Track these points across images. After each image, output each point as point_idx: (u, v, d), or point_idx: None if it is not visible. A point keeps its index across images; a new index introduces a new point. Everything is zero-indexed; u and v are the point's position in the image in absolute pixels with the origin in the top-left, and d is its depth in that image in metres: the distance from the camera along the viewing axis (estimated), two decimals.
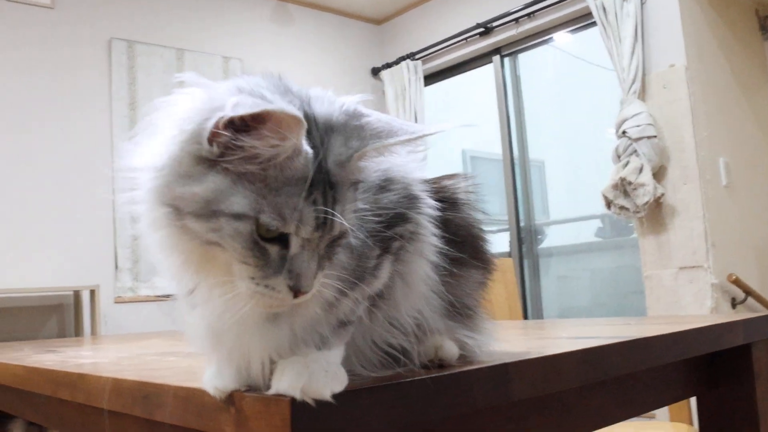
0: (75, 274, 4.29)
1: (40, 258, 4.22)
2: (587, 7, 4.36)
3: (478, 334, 0.93)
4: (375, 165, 0.79)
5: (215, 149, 0.67)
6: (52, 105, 4.39)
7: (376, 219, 0.77)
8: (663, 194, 3.77)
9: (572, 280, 5.23)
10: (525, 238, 5.19)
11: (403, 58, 5.69)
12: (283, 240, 0.68)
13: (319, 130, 0.71)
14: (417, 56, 5.66)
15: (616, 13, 4.04)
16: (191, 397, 0.82)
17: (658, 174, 3.84)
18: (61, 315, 4.33)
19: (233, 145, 0.66)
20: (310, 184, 0.67)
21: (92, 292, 4.20)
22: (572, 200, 5.45)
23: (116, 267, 4.54)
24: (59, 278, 4.23)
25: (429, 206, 0.85)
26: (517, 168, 5.23)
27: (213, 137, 0.66)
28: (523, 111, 5.26)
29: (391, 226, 0.79)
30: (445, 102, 6.03)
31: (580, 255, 5.23)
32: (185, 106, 0.70)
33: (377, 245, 0.77)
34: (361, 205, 0.75)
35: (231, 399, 0.75)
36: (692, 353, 1.21)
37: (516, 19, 4.98)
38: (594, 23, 4.32)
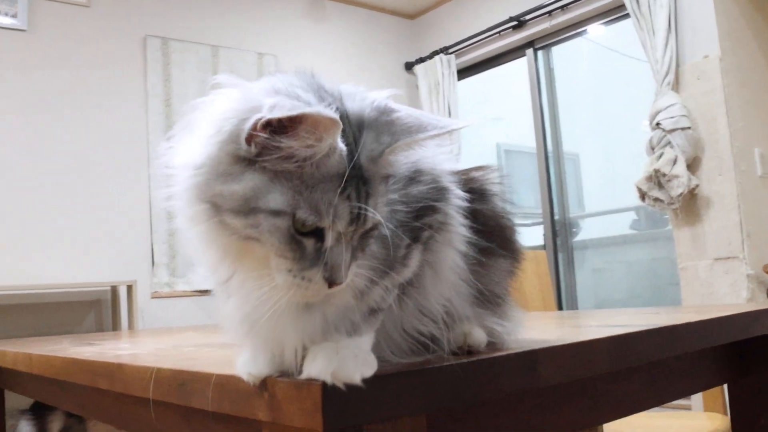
0: (112, 269, 4.37)
1: (78, 254, 4.30)
2: None
3: (507, 322, 0.94)
4: (405, 158, 0.81)
5: (253, 149, 0.69)
6: (89, 102, 4.46)
7: (406, 210, 0.79)
8: (697, 185, 3.73)
9: (607, 273, 5.20)
10: (559, 231, 5.16)
11: (436, 53, 5.69)
12: (318, 234, 0.70)
13: (352, 127, 0.73)
14: (450, 50, 5.65)
15: (649, 5, 4.00)
16: (226, 383, 0.84)
17: (693, 165, 3.80)
18: (99, 310, 4.41)
19: (270, 146, 0.68)
20: (343, 180, 0.69)
21: (129, 288, 4.26)
22: (607, 193, 5.42)
23: (153, 262, 4.60)
24: (97, 274, 4.31)
25: (458, 197, 0.87)
26: (551, 161, 5.21)
27: (251, 138, 0.69)
28: (556, 104, 5.23)
29: (420, 217, 0.80)
30: (478, 96, 6.02)
31: (615, 247, 5.20)
32: (222, 107, 0.73)
33: (407, 235, 0.79)
34: (391, 197, 0.77)
35: (264, 385, 0.77)
36: (720, 341, 1.20)
37: (549, 12, 4.94)
38: (627, 15, 4.29)
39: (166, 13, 4.85)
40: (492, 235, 0.94)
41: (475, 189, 0.95)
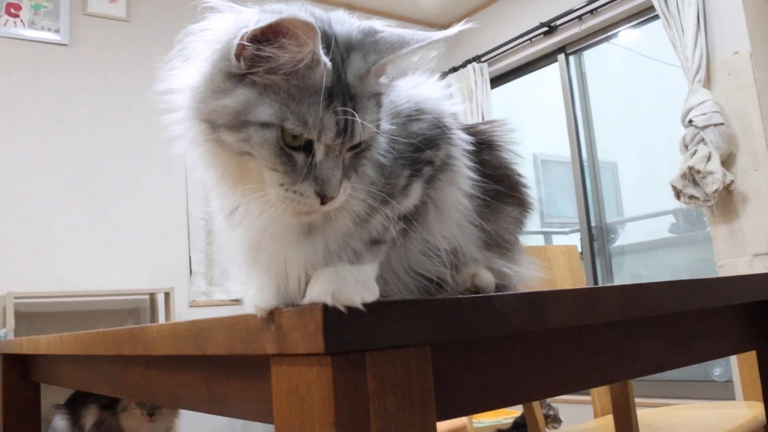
0: (151, 278, 4.43)
1: (117, 262, 4.37)
2: (649, 1, 4.31)
3: (516, 266, 0.95)
4: (405, 92, 0.82)
5: (242, 64, 0.72)
6: (128, 113, 4.56)
7: (406, 143, 0.80)
8: (733, 181, 3.68)
9: (647, 277, 5.13)
10: (596, 236, 5.12)
11: (469, 61, 5.70)
12: (308, 148, 0.73)
13: (339, 47, 0.75)
14: (483, 59, 5.66)
15: (677, 3, 3.98)
16: (236, 324, 0.85)
17: (727, 161, 3.75)
18: (137, 318, 4.47)
19: (257, 57, 0.71)
20: (330, 95, 0.72)
21: (167, 295, 4.32)
22: (645, 197, 5.36)
23: (191, 271, 4.66)
24: (136, 282, 4.38)
25: (461, 139, 0.88)
26: (586, 168, 5.17)
27: (240, 52, 0.72)
28: (590, 109, 5.20)
29: (421, 151, 0.82)
30: (512, 103, 6.01)
31: (654, 251, 5.13)
32: (215, 29, 0.76)
33: (407, 167, 0.80)
34: (387, 126, 0.78)
35: (271, 317, 0.78)
36: (744, 298, 1.19)
37: (579, 17, 4.94)
38: (656, 17, 4.27)
39: None
40: (500, 183, 0.94)
41: (483, 140, 0.96)
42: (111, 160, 4.48)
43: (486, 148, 0.95)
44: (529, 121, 6.13)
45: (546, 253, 2.75)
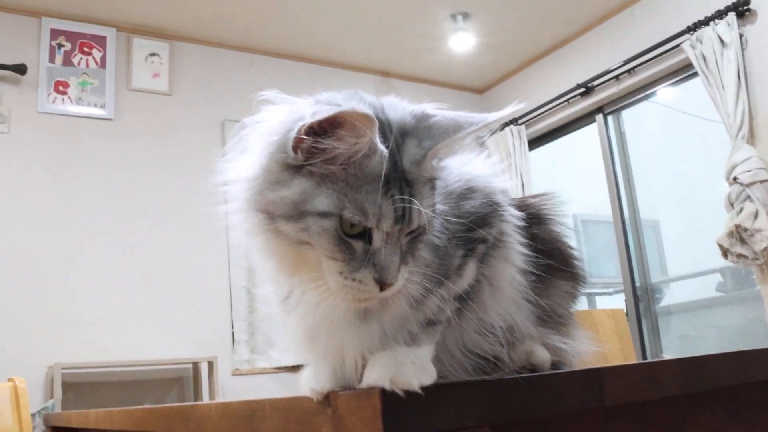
0: (194, 347, 4.45)
1: (161, 332, 4.40)
2: (687, 59, 4.31)
3: (571, 341, 0.93)
4: (456, 170, 0.83)
5: (300, 156, 0.73)
6: (170, 184, 4.64)
7: (459, 222, 0.80)
8: None
9: (695, 338, 5.01)
10: (641, 297, 5.03)
11: (506, 124, 5.72)
12: (366, 236, 0.73)
13: (394, 134, 0.76)
14: (520, 121, 5.68)
15: (716, 61, 3.98)
16: (291, 406, 0.85)
17: None
18: (181, 387, 4.47)
19: (314, 149, 0.72)
20: (387, 182, 0.72)
21: (210, 364, 4.33)
22: (690, 256, 5.27)
23: (233, 340, 4.66)
24: (179, 351, 4.39)
25: (512, 215, 0.88)
26: (628, 227, 5.11)
27: (296, 145, 0.73)
28: (630, 169, 5.17)
29: (474, 230, 0.81)
30: (551, 164, 6.00)
31: (701, 311, 5.01)
32: (271, 121, 0.77)
33: (461, 247, 0.80)
34: (440, 207, 0.78)
35: (327, 400, 0.77)
36: None
37: (616, 77, 4.95)
38: (694, 74, 4.26)
39: (243, 98, 5.03)
40: (551, 256, 0.94)
41: (532, 214, 0.96)
42: (154, 230, 4.55)
43: (536, 222, 0.95)
44: (569, 181, 6.10)
45: (592, 317, 2.72)
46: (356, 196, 0.72)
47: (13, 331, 3.94)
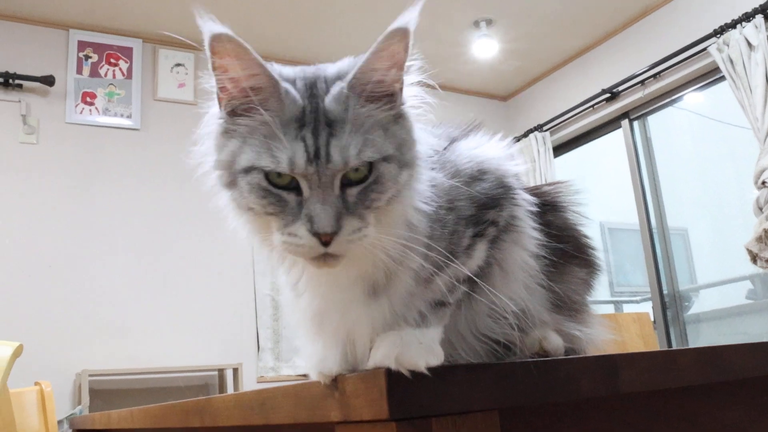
0: (219, 354, 4.46)
1: (186, 339, 4.42)
2: (713, 63, 4.27)
3: (586, 328, 0.92)
4: (467, 152, 0.82)
5: (224, 112, 0.76)
6: (195, 193, 4.65)
7: (469, 204, 0.79)
8: None
9: None
10: (669, 304, 4.96)
11: (530, 131, 5.71)
12: (296, 187, 0.72)
13: (326, 83, 0.76)
14: (545, 128, 5.65)
15: (744, 64, 3.93)
16: (301, 392, 0.85)
17: None
18: (206, 394, 4.48)
19: (218, 79, 0.75)
20: (301, 124, 0.72)
21: (235, 371, 4.34)
22: (718, 263, 5.19)
23: (258, 347, 4.68)
24: (205, 358, 4.41)
25: (524, 199, 0.87)
26: (655, 235, 5.05)
27: (219, 96, 0.76)
28: (657, 175, 5.11)
29: (484, 212, 0.81)
30: (576, 171, 5.96)
31: (731, 319, 4.93)
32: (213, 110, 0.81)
33: (470, 228, 0.79)
34: (446, 182, 0.77)
35: (335, 383, 0.77)
36: None
37: (642, 81, 4.91)
38: (721, 78, 4.21)
39: None
40: (566, 244, 0.93)
41: (547, 201, 0.95)
42: (180, 238, 4.58)
43: (550, 210, 0.94)
44: (594, 188, 6.04)
45: (617, 320, 2.69)
46: (272, 143, 0.71)
47: (42, 338, 3.98)
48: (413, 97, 0.80)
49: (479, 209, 0.80)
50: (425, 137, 0.81)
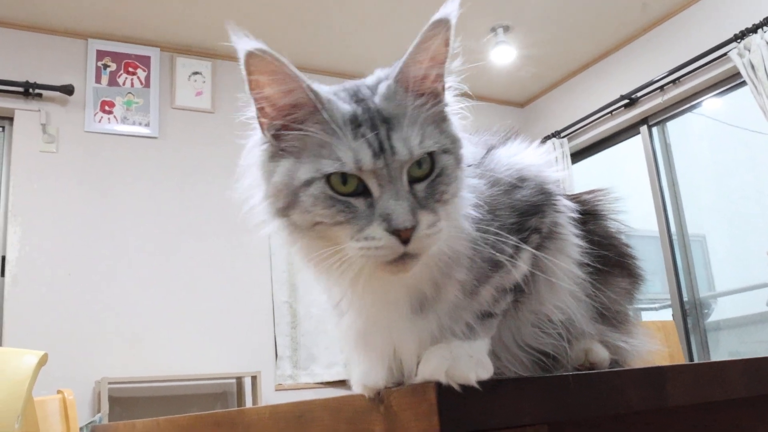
0: (237, 362, 4.46)
1: (205, 347, 4.42)
2: (734, 68, 4.23)
3: (631, 338, 0.90)
4: (506, 160, 0.81)
5: (268, 135, 0.75)
6: (213, 201, 4.67)
7: (511, 213, 0.78)
8: None
9: (746, 355, 4.84)
10: (689, 312, 4.91)
11: (548, 137, 5.67)
12: (364, 191, 0.71)
13: (369, 90, 0.76)
14: (562, 134, 5.62)
15: (765, 69, 3.89)
16: (341, 406, 0.83)
17: None
18: (225, 402, 4.48)
19: (265, 110, 0.74)
20: (357, 124, 0.71)
21: (254, 379, 4.33)
22: (738, 270, 5.14)
23: (276, 355, 4.67)
24: (223, 366, 4.40)
25: (566, 205, 0.85)
26: (675, 241, 5.01)
27: (260, 122, 0.76)
28: (676, 181, 5.07)
29: (527, 220, 0.79)
30: (594, 177, 5.92)
31: (752, 326, 4.88)
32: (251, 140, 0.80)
33: (513, 236, 0.77)
34: (487, 191, 0.76)
35: (380, 397, 0.75)
36: None
37: (661, 87, 4.87)
38: (742, 84, 4.18)
39: None
40: (608, 253, 0.91)
41: (588, 210, 0.93)
42: (198, 247, 4.59)
43: (591, 218, 0.93)
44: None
45: None
46: (331, 148, 0.70)
47: (62, 346, 3.98)
48: (454, 100, 0.79)
49: (521, 216, 0.79)
50: (467, 144, 0.80)
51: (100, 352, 4.14)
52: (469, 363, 0.68)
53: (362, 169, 0.69)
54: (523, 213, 0.79)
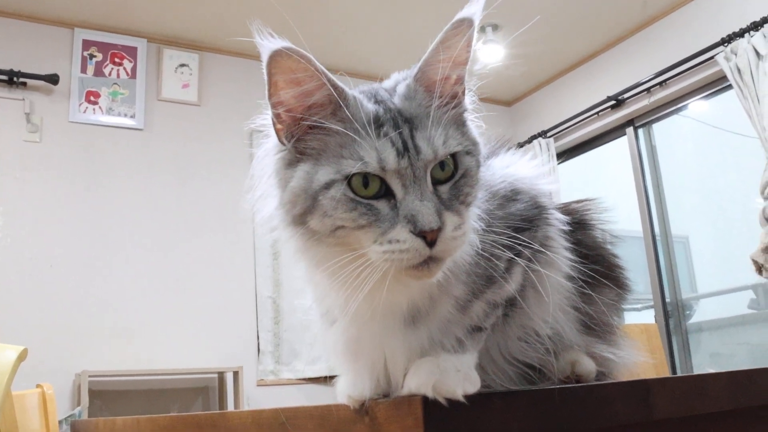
0: (219, 357, 4.44)
1: (187, 342, 4.40)
2: (720, 71, 4.25)
3: (618, 350, 0.90)
4: (500, 171, 0.80)
5: (286, 142, 0.73)
6: (197, 195, 4.64)
7: (504, 226, 0.77)
8: None
9: (726, 356, 4.91)
10: (672, 313, 4.94)
11: (535, 137, 5.68)
12: (386, 193, 0.69)
13: (387, 91, 0.75)
14: (549, 134, 5.63)
15: (751, 73, 3.91)
16: (326, 414, 0.82)
17: None
18: (207, 397, 4.46)
19: (278, 115, 0.72)
20: (379, 124, 0.69)
21: (236, 374, 4.32)
22: (721, 272, 5.17)
23: (259, 350, 4.65)
24: (205, 361, 4.39)
25: (557, 219, 0.85)
26: (658, 242, 5.03)
27: (275, 127, 0.73)
28: (661, 183, 5.09)
29: (520, 233, 0.79)
30: (579, 178, 5.94)
31: (733, 328, 4.91)
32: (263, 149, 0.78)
33: (506, 250, 0.77)
34: (484, 205, 0.75)
35: (365, 408, 0.74)
36: None
37: (648, 89, 4.89)
38: (728, 87, 4.19)
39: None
40: (595, 264, 0.91)
41: (576, 220, 0.93)
42: (181, 240, 4.56)
43: (579, 228, 0.92)
44: (598, 195, 6.02)
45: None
46: (354, 148, 0.68)
47: (42, 338, 3.95)
48: (472, 107, 0.78)
49: (515, 231, 0.78)
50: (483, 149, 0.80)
51: (81, 345, 4.11)
52: (457, 377, 0.68)
53: (386, 169, 0.68)
54: (517, 228, 0.79)
